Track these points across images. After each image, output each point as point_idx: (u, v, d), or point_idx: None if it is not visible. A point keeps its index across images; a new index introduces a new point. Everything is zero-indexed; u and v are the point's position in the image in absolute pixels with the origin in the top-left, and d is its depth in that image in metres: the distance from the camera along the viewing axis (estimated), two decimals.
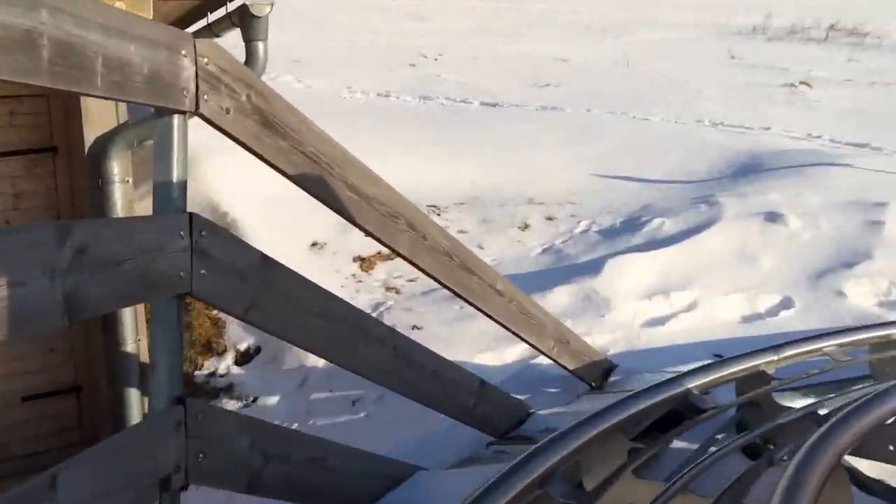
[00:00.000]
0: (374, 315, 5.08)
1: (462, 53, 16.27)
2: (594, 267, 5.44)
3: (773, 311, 5.01)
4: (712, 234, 5.76)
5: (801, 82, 14.10)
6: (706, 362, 4.41)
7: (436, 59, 15.57)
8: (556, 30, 21.48)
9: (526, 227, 6.52)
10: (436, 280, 2.97)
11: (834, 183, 6.78)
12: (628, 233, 6.09)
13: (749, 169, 7.69)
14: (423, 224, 2.86)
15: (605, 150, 9.11)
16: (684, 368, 4.33)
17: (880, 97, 13.39)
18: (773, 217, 5.91)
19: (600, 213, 6.67)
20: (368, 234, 2.64)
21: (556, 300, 5.06)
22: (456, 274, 3.03)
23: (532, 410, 3.65)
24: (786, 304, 5.05)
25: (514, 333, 3.50)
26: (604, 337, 4.70)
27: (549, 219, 6.64)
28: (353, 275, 5.61)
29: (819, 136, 10.18)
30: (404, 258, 2.81)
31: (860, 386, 3.87)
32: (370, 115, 10.24)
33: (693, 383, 3.20)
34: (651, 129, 10.33)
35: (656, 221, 6.15)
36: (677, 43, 20.14)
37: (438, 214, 6.68)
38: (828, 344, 3.83)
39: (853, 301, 5.00)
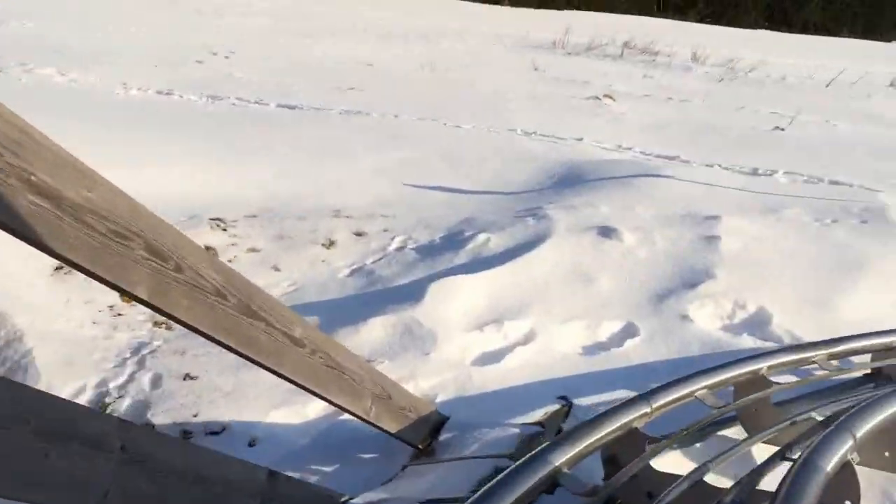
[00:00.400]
0: (134, 361, 3.93)
1: (257, 52, 15.06)
2: (414, 292, 4.58)
3: (617, 340, 4.37)
4: (544, 252, 5.08)
5: (604, 95, 14.11)
6: (553, 407, 3.70)
7: (227, 57, 14.25)
8: (358, 34, 20.66)
9: (331, 243, 5.56)
10: (199, 332, 1.97)
11: (661, 195, 6.35)
12: (450, 250, 5.29)
13: (571, 180, 7.16)
14: (177, 248, 1.85)
15: (416, 157, 8.34)
16: (527, 418, 3.58)
17: (678, 112, 13.61)
18: (606, 232, 5.33)
19: (416, 227, 5.84)
20: (75, 266, 1.60)
21: (370, 335, 4.15)
22: (231, 321, 2.04)
23: (343, 499, 2.70)
24: (630, 331, 4.43)
25: (319, 396, 2.55)
26: (430, 380, 3.84)
27: (359, 234, 5.72)
28: (111, 307, 4.41)
29: (630, 148, 9.97)
30: (144, 303, 1.79)
31: (733, 442, 3.27)
32: (147, 115, 8.90)
33: (562, 458, 2.39)
34: (463, 136, 9.70)
35: (481, 237, 5.40)
36: (482, 53, 19.93)
37: (224, 230, 5.58)
38: (698, 387, 3.19)
39: (699, 325, 4.46)
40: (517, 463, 2.27)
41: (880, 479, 3.15)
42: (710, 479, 2.72)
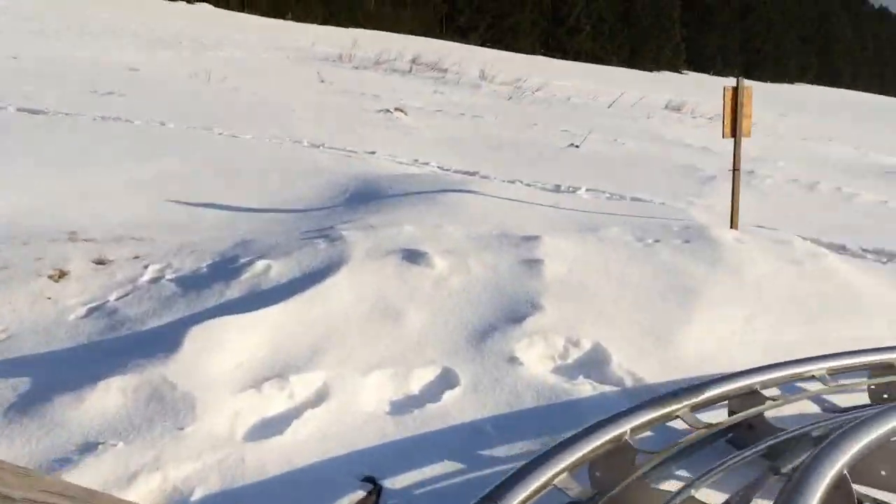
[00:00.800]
0: None
1: None
2: (168, 339, 3.47)
3: (432, 393, 3.50)
4: (339, 282, 4.12)
5: (395, 109, 13.41)
6: (358, 495, 2.75)
7: None
8: (124, 39, 18.74)
9: (62, 275, 4.30)
10: None
11: (469, 212, 5.60)
12: (220, 282, 4.21)
13: (367, 195, 6.27)
14: None
15: (185, 170, 7.13)
16: None
17: (472, 128, 13.17)
18: (413, 256, 4.46)
19: (178, 252, 4.69)
20: None
21: (101, 403, 3.01)
22: None
23: None
24: (448, 379, 3.58)
25: None
26: (184, 468, 2.77)
27: (100, 263, 4.48)
28: None
29: (427, 163, 9.28)
30: None
31: None
32: None
33: None
34: (242, 147, 8.57)
35: (260, 264, 4.35)
36: (264, 63, 18.71)
37: None
38: (556, 471, 2.40)
39: (530, 369, 3.68)
40: None
41: None
42: None
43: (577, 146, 11.77)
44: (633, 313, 4.22)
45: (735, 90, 5.78)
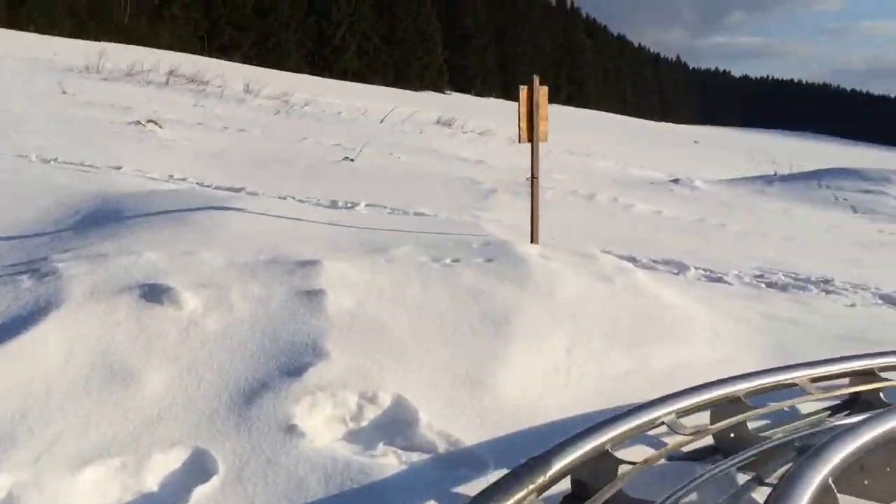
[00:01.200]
0: None
1: None
2: None
3: (178, 489, 2.51)
4: (46, 334, 2.98)
5: (149, 121, 11.96)
6: None
7: None
8: None
9: None
10: None
11: (233, 234, 4.57)
12: None
13: (103, 216, 5.04)
14: None
15: None
16: None
17: (237, 142, 12.03)
18: (154, 293, 3.40)
19: None
20: None
21: None
22: None
23: None
24: (200, 466, 2.60)
25: None
26: None
27: None
28: None
29: (184, 179, 8.11)
30: None
31: None
32: None
33: None
34: None
35: None
36: None
37: None
38: None
39: (315, 440, 2.78)
40: None
41: None
42: None
43: (351, 160, 10.99)
44: (440, 353, 3.42)
45: (530, 91, 5.22)
